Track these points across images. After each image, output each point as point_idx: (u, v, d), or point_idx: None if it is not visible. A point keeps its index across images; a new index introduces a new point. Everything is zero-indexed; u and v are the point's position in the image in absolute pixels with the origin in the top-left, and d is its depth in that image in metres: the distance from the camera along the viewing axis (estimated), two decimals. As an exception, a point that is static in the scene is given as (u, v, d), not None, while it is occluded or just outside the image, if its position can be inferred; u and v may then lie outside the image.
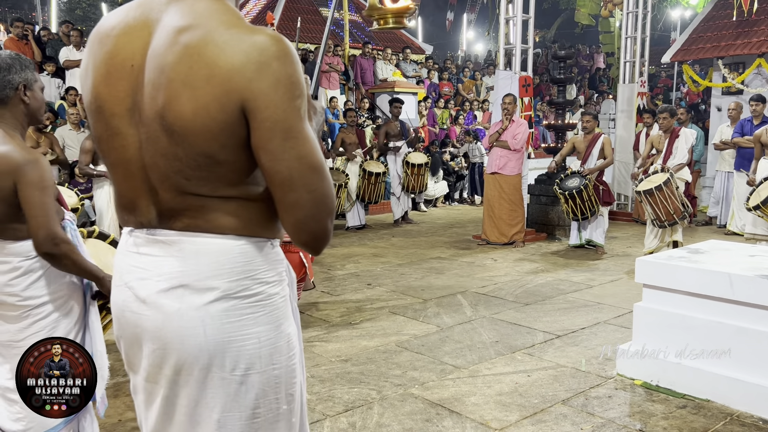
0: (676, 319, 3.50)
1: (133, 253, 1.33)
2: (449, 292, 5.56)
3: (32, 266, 2.25)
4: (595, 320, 4.73)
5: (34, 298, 2.26)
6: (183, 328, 1.26)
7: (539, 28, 27.32)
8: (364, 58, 12.71)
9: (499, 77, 8.12)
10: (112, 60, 1.26)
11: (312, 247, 1.27)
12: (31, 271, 2.25)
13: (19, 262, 2.23)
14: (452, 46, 30.34)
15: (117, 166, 1.31)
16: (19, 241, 2.22)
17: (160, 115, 1.20)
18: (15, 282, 2.23)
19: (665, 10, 21.97)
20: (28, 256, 2.23)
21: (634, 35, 9.78)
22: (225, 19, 1.20)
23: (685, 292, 3.49)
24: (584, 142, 7.28)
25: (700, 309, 3.45)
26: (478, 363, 3.89)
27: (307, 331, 4.47)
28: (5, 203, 2.15)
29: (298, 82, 1.19)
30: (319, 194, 1.22)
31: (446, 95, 13.94)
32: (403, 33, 17.39)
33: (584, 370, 3.77)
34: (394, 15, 2.07)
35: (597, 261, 6.90)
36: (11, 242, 2.22)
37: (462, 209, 11.29)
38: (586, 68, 19.69)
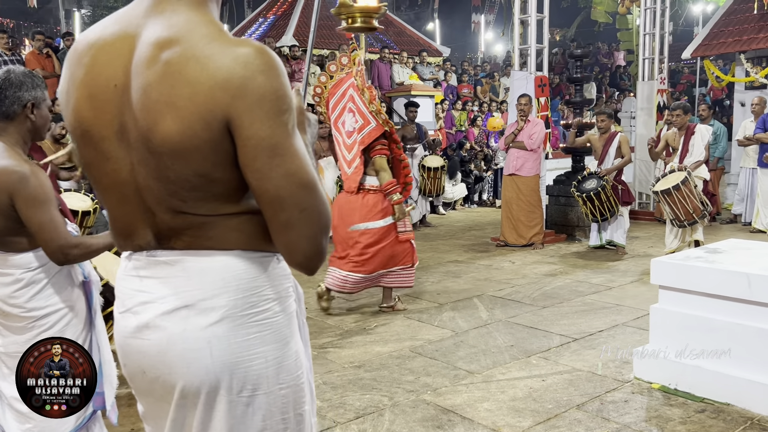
0: (694, 320, 3.43)
1: (134, 277, 1.28)
2: (465, 296, 5.51)
3: (34, 278, 2.28)
4: (614, 322, 4.65)
5: (37, 309, 2.29)
6: (188, 350, 1.21)
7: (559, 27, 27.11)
8: (381, 62, 12.71)
9: (514, 78, 8.06)
10: (94, 81, 1.21)
11: (306, 267, 1.21)
12: (34, 282, 2.28)
13: (21, 274, 2.25)
14: (472, 47, 30.24)
15: (110, 191, 1.27)
16: (20, 254, 2.25)
17: (147, 138, 1.16)
18: (18, 294, 2.26)
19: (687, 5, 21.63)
20: (29, 267, 2.26)
21: (652, 32, 9.63)
22: (206, 32, 1.15)
23: (703, 293, 3.41)
24: (600, 141, 7.18)
25: (718, 310, 3.37)
26: (492, 368, 3.84)
27: (321, 337, 4.47)
28: (4, 217, 2.17)
29: (284, 96, 1.14)
30: (311, 212, 1.16)
31: (465, 97, 13.88)
32: (420, 36, 17.39)
33: (600, 374, 3.70)
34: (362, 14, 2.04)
35: (617, 262, 6.79)
36: (12, 254, 2.25)
37: (481, 212, 11.21)
38: (607, 66, 19.46)
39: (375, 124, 4.82)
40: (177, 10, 1.19)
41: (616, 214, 7.02)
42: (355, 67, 4.92)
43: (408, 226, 5.01)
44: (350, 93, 4.90)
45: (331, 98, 5.02)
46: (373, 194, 4.89)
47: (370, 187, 4.89)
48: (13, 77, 2.20)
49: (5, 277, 2.27)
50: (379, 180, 4.84)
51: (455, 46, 28.63)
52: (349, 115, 4.89)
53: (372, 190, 4.89)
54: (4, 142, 2.22)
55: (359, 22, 2.04)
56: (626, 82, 17.94)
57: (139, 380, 1.31)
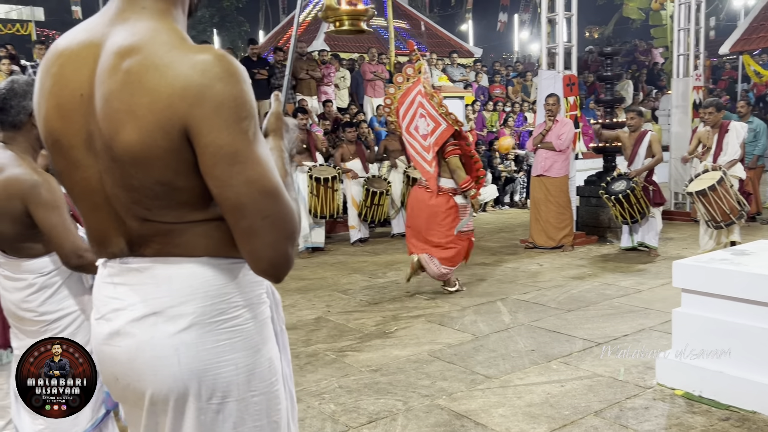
0: (719, 325, 3.31)
1: (108, 284, 1.29)
2: (489, 299, 5.44)
3: (46, 282, 2.33)
4: (640, 326, 4.53)
5: (49, 313, 2.34)
6: (156, 358, 1.21)
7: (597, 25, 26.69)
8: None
9: (542, 77, 7.94)
10: (62, 91, 1.21)
11: (272, 275, 1.20)
12: (46, 287, 2.33)
13: (34, 278, 2.31)
14: (506, 47, 29.99)
15: (82, 199, 1.28)
16: (32, 259, 2.31)
17: (109, 146, 1.16)
18: (31, 298, 2.32)
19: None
20: (42, 272, 2.32)
21: (687, 27, 9.38)
22: (166, 40, 1.15)
23: (728, 296, 3.29)
24: (630, 141, 7.00)
25: (744, 314, 3.25)
26: (511, 373, 3.78)
27: (341, 340, 4.47)
28: (18, 223, 2.23)
29: (243, 103, 1.13)
30: (274, 219, 1.15)
31: (497, 97, 13.75)
32: (451, 37, 17.32)
33: (622, 380, 3.60)
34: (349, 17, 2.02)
35: (648, 264, 6.62)
36: (25, 260, 2.31)
37: (512, 213, 11.08)
38: (644, 64, 19.05)
39: (446, 125, 5.30)
40: (141, 18, 1.19)
41: (647, 215, 6.84)
42: (421, 75, 5.43)
43: (470, 225, 5.54)
44: (419, 99, 5.38)
45: (401, 107, 5.51)
46: (441, 195, 5.38)
47: (441, 188, 5.39)
48: (17, 87, 2.25)
49: (18, 282, 2.34)
50: (456, 179, 5.34)
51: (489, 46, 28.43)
52: (421, 120, 5.38)
53: (440, 191, 5.38)
54: (14, 151, 2.28)
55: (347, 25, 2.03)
56: (664, 80, 17.52)
57: (113, 387, 1.32)
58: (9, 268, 2.33)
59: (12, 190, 2.18)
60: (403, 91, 5.51)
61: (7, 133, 2.30)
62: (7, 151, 2.26)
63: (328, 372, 3.88)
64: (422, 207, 5.44)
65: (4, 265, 2.35)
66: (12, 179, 2.19)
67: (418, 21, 18.02)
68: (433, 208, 5.38)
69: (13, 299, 2.36)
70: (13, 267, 2.34)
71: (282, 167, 1.35)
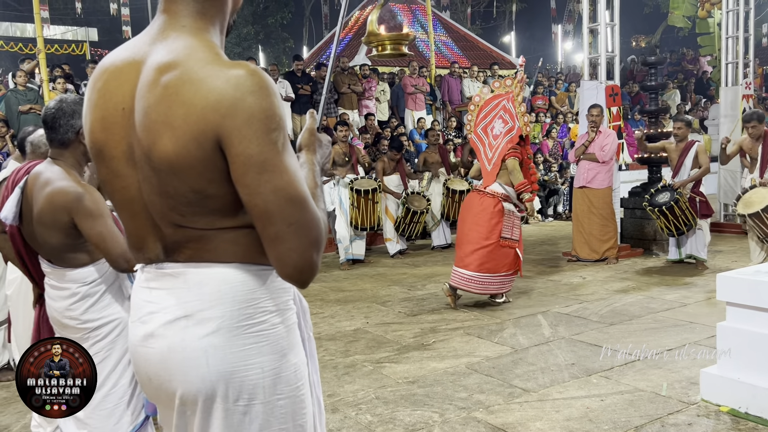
0: (765, 339, 3.20)
1: (145, 288, 1.36)
2: (529, 312, 5.38)
3: (89, 291, 2.44)
4: (685, 341, 4.42)
5: (91, 321, 2.44)
6: (186, 359, 1.27)
7: (644, 34, 26.20)
8: (452, 77, 12.70)
9: (584, 88, 7.86)
10: (105, 104, 1.30)
11: (297, 280, 1.25)
12: (89, 296, 2.44)
13: (78, 288, 2.42)
14: (551, 58, 29.73)
15: (122, 207, 1.36)
16: (77, 269, 2.42)
17: (147, 156, 1.23)
18: (74, 306, 2.43)
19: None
20: (85, 282, 2.43)
21: (735, 35, 9.14)
22: (202, 56, 1.22)
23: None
24: (677, 151, 6.85)
25: (792, 329, 3.14)
26: (550, 386, 3.73)
27: (378, 352, 4.49)
28: (64, 234, 2.35)
29: (273, 115, 1.18)
30: (299, 226, 1.20)
31: (539, 108, 13.64)
32: (492, 49, 17.27)
33: (665, 395, 3.52)
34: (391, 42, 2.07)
35: (695, 277, 6.45)
36: (70, 270, 2.42)
37: (555, 225, 10.95)
38: (692, 72, 18.62)
39: (518, 126, 5.55)
40: (180, 36, 1.27)
41: (694, 227, 6.67)
42: (517, 82, 5.72)
43: (514, 234, 5.54)
44: (503, 104, 5.64)
45: (484, 108, 5.76)
46: (489, 197, 5.49)
47: (490, 191, 5.52)
48: (65, 106, 2.37)
49: (63, 291, 2.45)
50: (513, 180, 5.45)
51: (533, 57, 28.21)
52: (499, 121, 5.63)
53: (490, 194, 5.50)
54: (61, 166, 2.40)
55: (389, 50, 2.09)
56: (713, 89, 17.08)
57: (147, 387, 1.38)
58: (54, 277, 2.45)
59: (58, 202, 2.30)
60: (493, 95, 5.76)
61: (56, 149, 2.43)
62: (55, 166, 2.39)
63: (366, 383, 3.90)
64: (470, 207, 5.58)
65: (51, 275, 2.47)
66: (58, 192, 2.31)
67: (460, 33, 18.05)
68: (480, 207, 5.49)
69: (58, 307, 2.47)
70: (58, 276, 2.45)
71: (312, 179, 1.40)
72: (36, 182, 2.40)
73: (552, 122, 13.10)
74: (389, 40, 2.08)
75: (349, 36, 17.02)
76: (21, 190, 2.44)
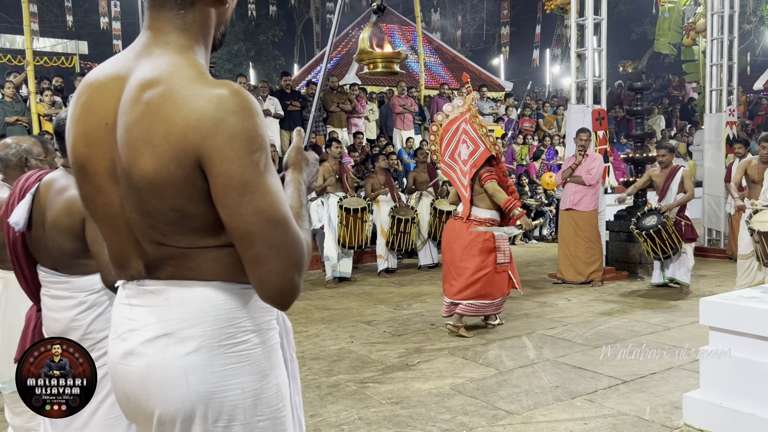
0: (748, 365, 3.22)
1: (126, 305, 1.34)
2: (514, 334, 5.38)
3: (97, 300, 2.40)
4: (669, 365, 4.42)
5: (97, 331, 2.40)
6: (165, 378, 1.25)
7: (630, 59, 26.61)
8: (441, 98, 12.80)
9: (571, 111, 7.94)
10: (89, 119, 1.28)
11: (278, 302, 1.23)
12: (96, 305, 2.40)
13: (85, 296, 2.39)
14: (538, 81, 30.08)
15: (104, 223, 1.34)
16: (84, 276, 2.40)
17: (128, 173, 1.22)
18: (81, 316, 2.40)
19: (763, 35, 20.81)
20: (93, 290, 2.40)
21: (719, 62, 9.31)
22: (185, 74, 1.20)
23: (756, 335, 3.21)
24: (662, 176, 6.92)
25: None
26: (533, 409, 3.71)
27: (363, 372, 4.45)
28: (78, 239, 2.34)
29: (255, 136, 1.17)
30: (281, 248, 1.18)
31: (526, 131, 13.76)
32: (481, 71, 17.45)
33: (648, 419, 3.51)
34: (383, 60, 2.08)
35: (680, 301, 6.48)
36: (78, 277, 2.39)
37: (541, 247, 10.99)
38: (678, 98, 18.89)
39: (483, 147, 5.30)
40: (164, 52, 1.25)
41: (679, 251, 6.72)
42: (470, 101, 5.49)
43: (507, 257, 5.41)
44: (463, 127, 5.41)
45: (445, 134, 5.55)
46: (477, 225, 5.28)
47: (475, 218, 5.31)
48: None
49: (69, 300, 2.42)
50: (497, 201, 5.25)
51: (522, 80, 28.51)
52: (463, 146, 5.40)
53: (476, 221, 5.30)
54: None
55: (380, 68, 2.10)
56: (698, 115, 17.34)
57: (125, 406, 1.35)
58: (60, 286, 2.42)
59: (74, 207, 2.30)
60: (450, 120, 5.54)
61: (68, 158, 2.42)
62: (70, 175, 2.38)
63: (349, 403, 3.87)
64: (457, 237, 5.35)
65: (54, 285, 2.43)
66: (74, 198, 2.30)
67: (450, 55, 18.22)
68: (470, 236, 5.27)
69: (61, 318, 2.42)
70: (64, 285, 2.42)
71: (297, 199, 1.39)
72: (50, 189, 2.39)
73: (539, 145, 13.21)
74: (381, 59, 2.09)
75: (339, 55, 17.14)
76: (32, 196, 2.42)
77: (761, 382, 3.15)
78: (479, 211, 5.34)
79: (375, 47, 2.03)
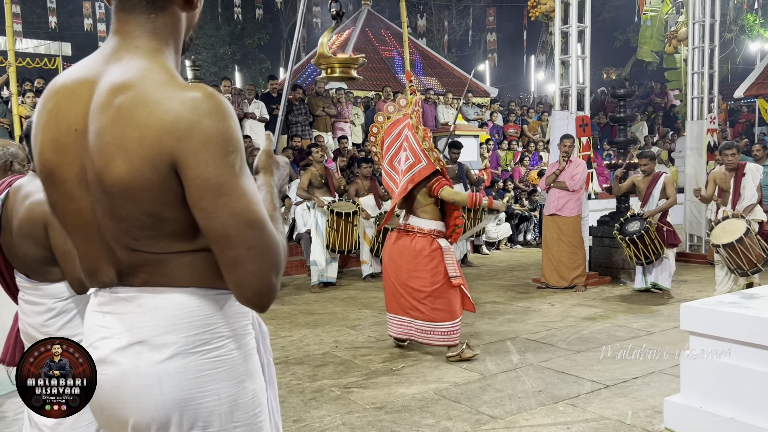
0: (727, 370, 3.26)
1: (98, 312, 1.32)
2: (498, 338, 5.40)
3: (65, 307, 2.41)
4: (651, 369, 4.47)
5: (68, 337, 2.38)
6: (139, 386, 1.24)
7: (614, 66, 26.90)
8: (426, 104, 12.84)
9: (555, 118, 8.01)
10: (57, 125, 1.25)
11: (256, 304, 1.23)
12: (65, 311, 2.40)
13: (53, 303, 2.39)
14: (524, 87, 30.28)
15: (75, 230, 1.32)
16: (53, 283, 2.39)
17: (100, 179, 1.20)
18: (50, 322, 2.40)
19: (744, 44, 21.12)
20: (61, 297, 2.40)
21: (701, 71, 9.43)
22: (157, 78, 1.19)
23: (736, 340, 3.25)
24: (644, 183, 7.00)
25: (753, 360, 3.20)
26: (517, 413, 3.73)
27: (347, 377, 4.45)
28: (41, 247, 2.32)
29: (230, 138, 1.17)
30: (258, 250, 1.18)
31: (511, 136, 13.85)
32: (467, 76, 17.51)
33: (629, 423, 3.55)
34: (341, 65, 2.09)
35: (662, 306, 6.55)
36: (47, 284, 2.39)
37: (526, 252, 11.04)
38: (661, 105, 19.11)
39: (426, 162, 4.80)
40: (134, 57, 1.23)
41: (661, 256, 6.79)
42: (412, 106, 5.00)
43: (458, 270, 4.88)
44: (405, 133, 4.94)
45: (386, 138, 5.09)
46: (421, 237, 4.84)
47: (419, 230, 4.86)
48: None
49: (38, 306, 2.42)
50: (459, 204, 4.84)
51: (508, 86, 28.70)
52: (403, 154, 4.91)
53: (421, 233, 4.84)
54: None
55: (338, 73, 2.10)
56: (680, 122, 17.55)
57: (99, 416, 1.34)
58: (31, 292, 2.42)
59: (35, 214, 2.28)
60: (392, 122, 5.08)
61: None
62: (37, 180, 2.37)
63: (333, 408, 3.86)
64: (403, 251, 4.87)
65: (27, 290, 2.44)
66: (36, 204, 2.29)
67: (435, 60, 18.29)
68: (414, 249, 4.81)
69: (33, 323, 2.43)
70: (36, 292, 2.42)
71: (270, 202, 1.37)
72: (17, 195, 2.38)
73: (524, 150, 13.29)
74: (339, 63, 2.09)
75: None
76: (2, 202, 2.40)
77: (741, 387, 3.20)
78: (423, 222, 4.87)
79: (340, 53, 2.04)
